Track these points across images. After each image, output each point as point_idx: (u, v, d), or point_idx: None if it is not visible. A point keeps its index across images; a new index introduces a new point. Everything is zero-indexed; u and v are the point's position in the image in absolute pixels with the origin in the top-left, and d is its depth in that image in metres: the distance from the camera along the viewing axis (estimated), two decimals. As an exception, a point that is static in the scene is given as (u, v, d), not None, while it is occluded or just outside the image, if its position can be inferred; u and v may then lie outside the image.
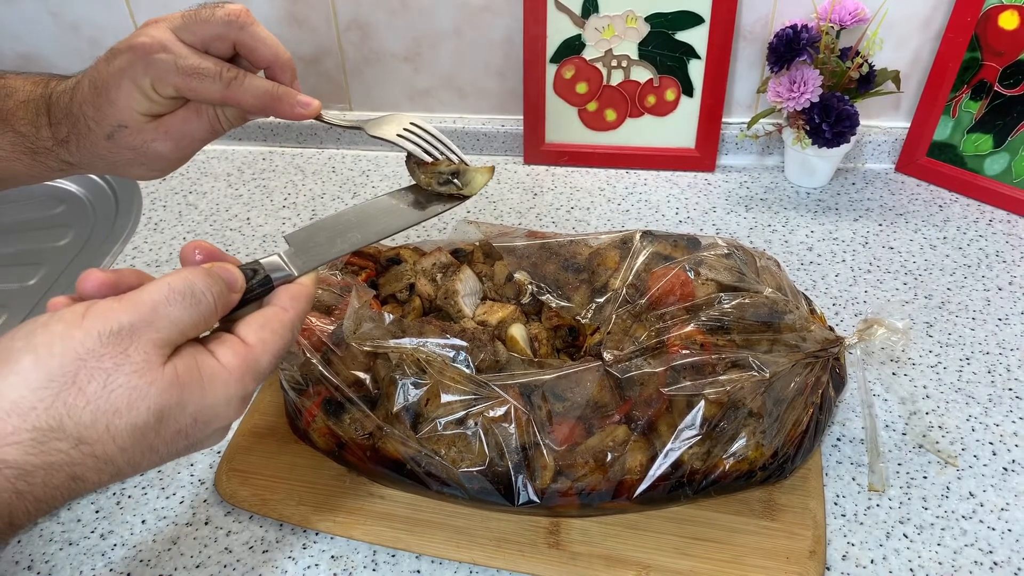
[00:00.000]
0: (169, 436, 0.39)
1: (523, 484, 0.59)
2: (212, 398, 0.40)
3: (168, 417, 0.39)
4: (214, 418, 0.41)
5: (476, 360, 0.63)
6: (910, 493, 0.64)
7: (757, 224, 0.95)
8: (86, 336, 0.37)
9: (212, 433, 0.42)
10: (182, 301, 0.39)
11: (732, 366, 0.62)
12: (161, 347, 0.38)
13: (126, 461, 0.38)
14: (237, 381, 0.41)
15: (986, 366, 0.75)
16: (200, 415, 0.40)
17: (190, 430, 0.40)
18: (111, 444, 0.37)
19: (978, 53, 0.92)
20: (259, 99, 0.53)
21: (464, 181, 0.60)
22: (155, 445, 0.39)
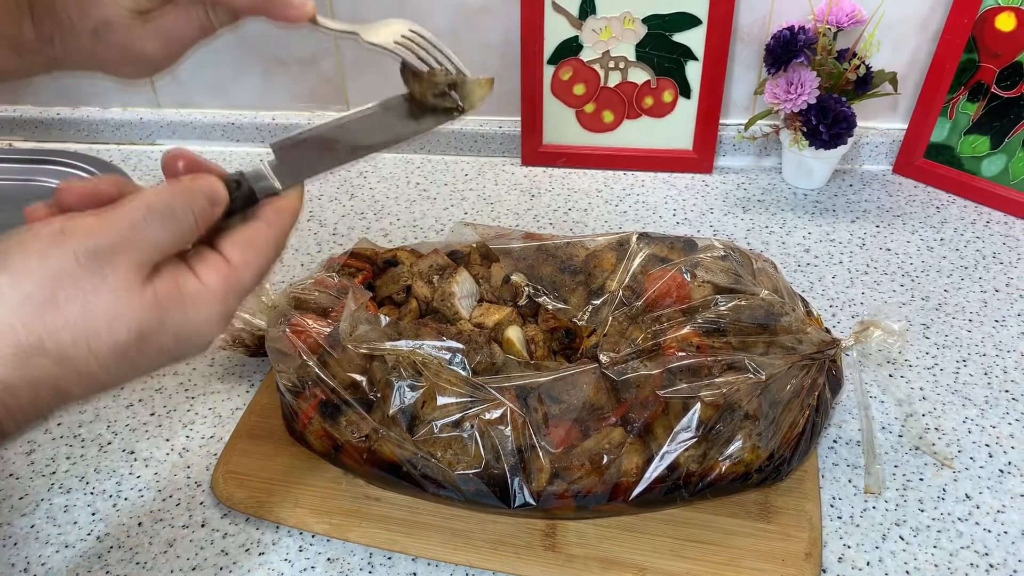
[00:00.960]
0: (151, 354, 0.39)
1: (519, 486, 0.59)
2: (194, 318, 0.40)
3: (149, 337, 0.38)
4: (196, 336, 0.40)
5: (472, 362, 0.62)
6: (906, 495, 0.64)
7: (754, 225, 0.95)
8: (63, 256, 0.36)
9: (194, 348, 0.41)
10: (161, 220, 0.38)
11: (728, 368, 0.62)
12: (140, 267, 0.38)
13: (109, 376, 0.38)
14: (220, 301, 0.41)
15: (983, 368, 0.75)
16: (181, 334, 0.39)
17: (172, 347, 0.40)
18: (93, 362, 0.37)
19: (975, 55, 0.92)
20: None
21: (462, 94, 0.56)
22: (137, 362, 0.39)
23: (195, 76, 1.11)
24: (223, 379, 0.77)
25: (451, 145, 1.10)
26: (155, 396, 0.76)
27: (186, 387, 0.76)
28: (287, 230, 0.45)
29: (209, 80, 1.11)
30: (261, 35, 1.06)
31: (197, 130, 1.13)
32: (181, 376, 0.78)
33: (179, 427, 0.73)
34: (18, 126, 1.16)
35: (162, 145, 1.15)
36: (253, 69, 1.09)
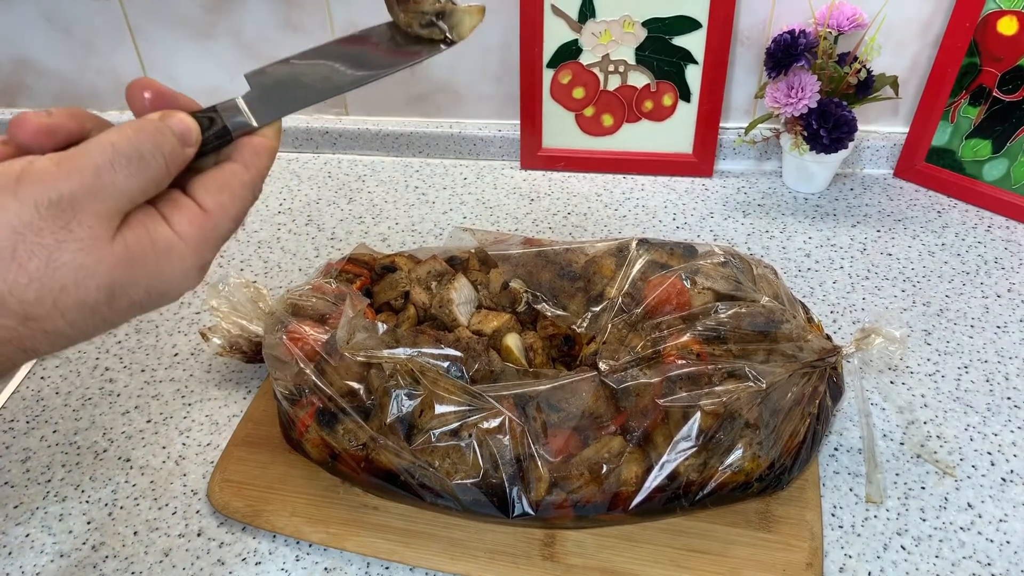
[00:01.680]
0: (121, 309, 0.37)
1: (518, 496, 0.59)
2: (167, 271, 0.37)
3: (120, 292, 0.36)
4: (169, 290, 0.38)
5: (471, 370, 0.62)
6: (908, 504, 0.64)
7: (755, 230, 0.95)
8: (22, 207, 0.33)
9: (167, 301, 0.39)
10: (128, 165, 0.35)
11: (728, 376, 0.61)
12: (107, 218, 0.35)
13: (77, 332, 0.36)
14: (194, 252, 0.38)
15: (984, 374, 0.75)
16: (154, 287, 0.37)
17: (144, 301, 0.37)
18: (60, 320, 0.35)
19: (977, 58, 0.91)
20: None
21: (451, 23, 0.50)
22: (108, 317, 0.36)
23: (192, 79, 1.10)
24: (220, 386, 0.77)
25: (450, 149, 1.10)
26: (151, 403, 0.75)
27: (183, 394, 0.76)
28: (264, 171, 0.42)
29: (206, 82, 1.10)
30: (259, 38, 1.05)
31: (195, 133, 1.13)
32: (178, 383, 0.77)
33: (175, 434, 0.72)
34: (15, 129, 1.15)
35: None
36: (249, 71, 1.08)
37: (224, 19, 1.04)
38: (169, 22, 1.05)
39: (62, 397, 0.76)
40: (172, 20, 1.05)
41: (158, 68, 1.10)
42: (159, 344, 0.82)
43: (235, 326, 0.74)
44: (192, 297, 0.87)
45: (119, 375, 0.78)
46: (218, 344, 0.73)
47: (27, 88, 1.14)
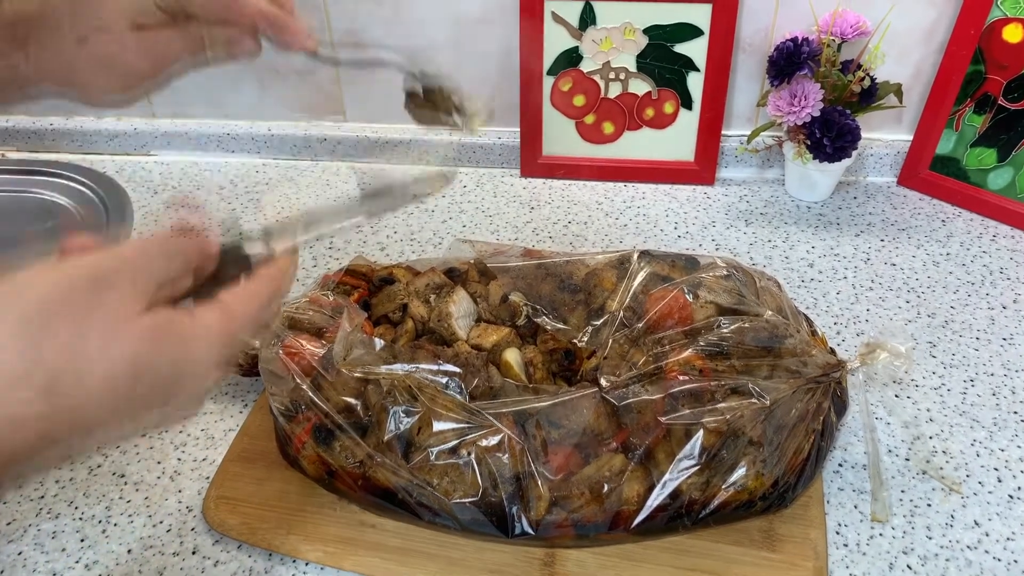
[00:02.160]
0: (145, 391, 0.37)
1: (517, 515, 0.58)
2: (192, 353, 0.39)
3: (145, 369, 0.37)
4: (192, 376, 0.39)
5: (469, 386, 0.61)
6: (914, 522, 0.63)
7: (757, 239, 0.94)
8: (60, 279, 0.35)
9: (189, 398, 0.40)
10: (160, 255, 0.39)
11: (731, 393, 0.61)
12: (138, 296, 0.37)
13: (99, 413, 0.36)
14: (217, 340, 0.40)
15: (991, 388, 0.74)
16: (178, 370, 0.38)
17: (167, 386, 0.38)
18: (83, 395, 0.35)
19: (982, 66, 0.90)
20: (263, 17, 0.52)
21: (464, 119, 0.58)
22: (131, 398, 0.37)
23: (190, 86, 1.09)
24: (215, 399, 0.76)
25: (449, 156, 1.09)
26: (147, 417, 0.74)
27: (178, 407, 0.75)
28: (281, 289, 0.45)
29: (204, 90, 1.10)
30: (257, 45, 1.04)
31: (192, 141, 1.12)
32: (173, 396, 0.76)
33: (170, 449, 0.71)
34: (11, 136, 1.15)
35: (156, 156, 1.14)
36: (249, 79, 1.08)
37: (221, 26, 1.03)
38: (166, 29, 1.04)
39: (56, 411, 0.75)
40: (169, 27, 1.04)
41: (155, 75, 1.09)
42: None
43: (231, 339, 0.73)
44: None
45: (114, 388, 0.77)
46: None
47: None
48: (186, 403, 0.40)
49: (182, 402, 0.40)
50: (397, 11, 0.99)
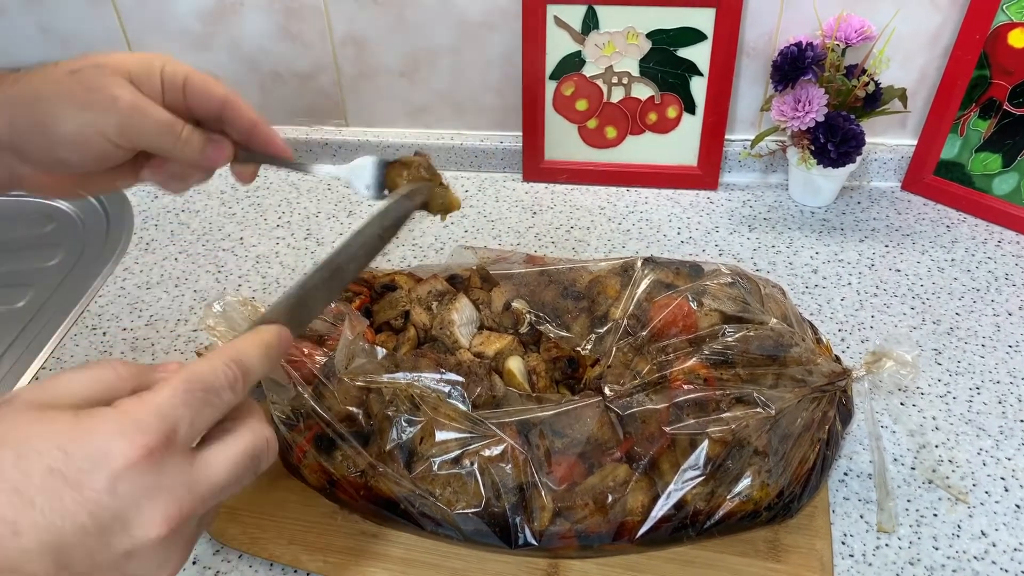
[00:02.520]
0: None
1: (521, 526, 0.57)
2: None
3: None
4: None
5: (472, 395, 0.61)
6: (920, 532, 0.62)
7: (761, 245, 0.93)
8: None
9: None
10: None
11: (736, 402, 0.60)
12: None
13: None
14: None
15: (997, 396, 0.73)
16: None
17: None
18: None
19: (987, 71, 0.90)
20: (254, 125, 0.53)
21: (430, 201, 0.58)
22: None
23: (191, 90, 1.09)
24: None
25: (451, 160, 1.08)
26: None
27: (179, 415, 0.74)
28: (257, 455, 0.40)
29: (205, 94, 1.09)
30: (258, 49, 1.04)
31: (193, 145, 1.11)
32: (174, 403, 0.76)
33: (171, 457, 0.70)
34: (11, 140, 1.14)
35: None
36: (250, 83, 1.07)
37: (222, 30, 1.03)
38: (167, 34, 1.04)
39: (56, 418, 0.74)
40: (170, 32, 1.03)
41: (156, 79, 1.09)
42: (155, 363, 0.80)
43: (232, 346, 0.72)
44: (189, 315, 0.86)
45: (114, 395, 0.77)
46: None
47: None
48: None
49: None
50: (399, 15, 0.99)
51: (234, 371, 0.38)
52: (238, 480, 0.38)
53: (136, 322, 0.85)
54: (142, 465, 0.34)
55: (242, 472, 0.38)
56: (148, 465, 0.34)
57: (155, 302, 0.88)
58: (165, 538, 0.34)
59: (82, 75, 0.47)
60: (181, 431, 0.35)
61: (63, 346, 0.82)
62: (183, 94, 0.50)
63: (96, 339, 0.83)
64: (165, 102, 0.50)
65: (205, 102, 0.51)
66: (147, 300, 0.88)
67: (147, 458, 0.34)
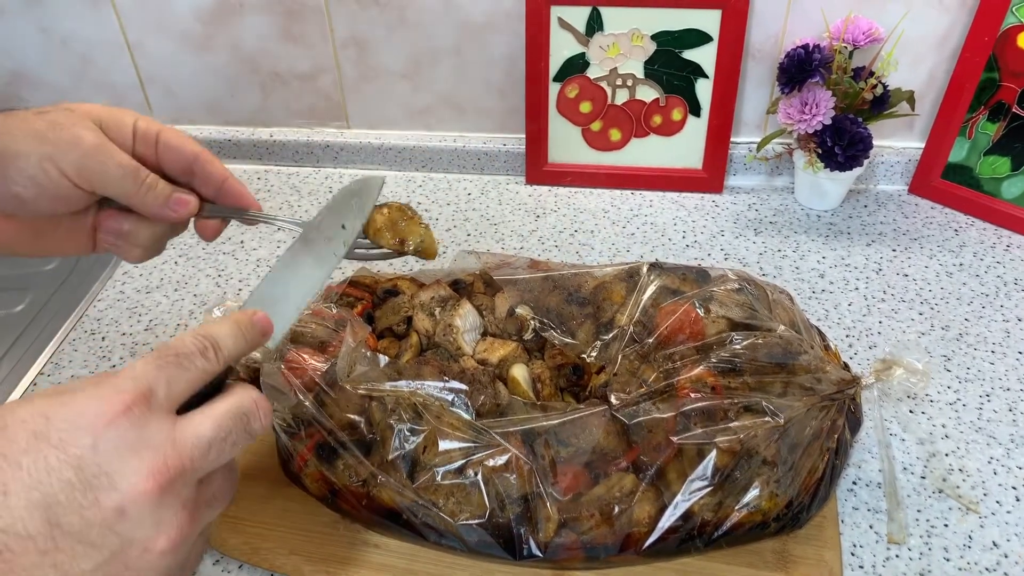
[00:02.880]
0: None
1: (525, 537, 0.57)
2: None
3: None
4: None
5: (476, 403, 0.60)
6: (930, 543, 0.61)
7: (767, 249, 0.92)
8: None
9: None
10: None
11: (745, 411, 0.59)
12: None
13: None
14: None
15: (1007, 403, 0.72)
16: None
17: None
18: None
19: (996, 73, 0.89)
20: (225, 181, 0.53)
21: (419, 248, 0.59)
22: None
23: (190, 92, 1.08)
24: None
25: (454, 163, 1.07)
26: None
27: (178, 421, 0.74)
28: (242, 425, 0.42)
29: (205, 96, 1.08)
30: (259, 50, 1.03)
31: (193, 147, 1.10)
32: (173, 409, 0.75)
33: (170, 465, 0.70)
34: (10, 142, 1.13)
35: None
36: (250, 84, 1.06)
37: (223, 32, 1.02)
38: (167, 35, 1.03)
39: (54, 425, 0.73)
40: (170, 33, 1.03)
41: (156, 82, 1.08)
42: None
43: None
44: (189, 320, 0.85)
45: (113, 401, 0.76)
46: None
47: (22, 101, 1.12)
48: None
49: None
50: (401, 16, 0.98)
51: (202, 341, 0.40)
52: (227, 436, 0.39)
53: (135, 327, 0.84)
54: (122, 421, 0.35)
55: (229, 427, 0.39)
56: (128, 421, 0.35)
57: (155, 306, 0.87)
58: (154, 495, 0.35)
59: (50, 115, 0.47)
60: (159, 392, 0.37)
61: (61, 351, 0.81)
62: (155, 147, 0.50)
63: (95, 344, 0.82)
64: (135, 153, 0.49)
65: (177, 156, 0.51)
66: (146, 304, 0.87)
67: (126, 414, 0.35)
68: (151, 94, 1.09)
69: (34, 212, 0.49)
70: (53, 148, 0.46)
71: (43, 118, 0.47)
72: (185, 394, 0.39)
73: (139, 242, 0.53)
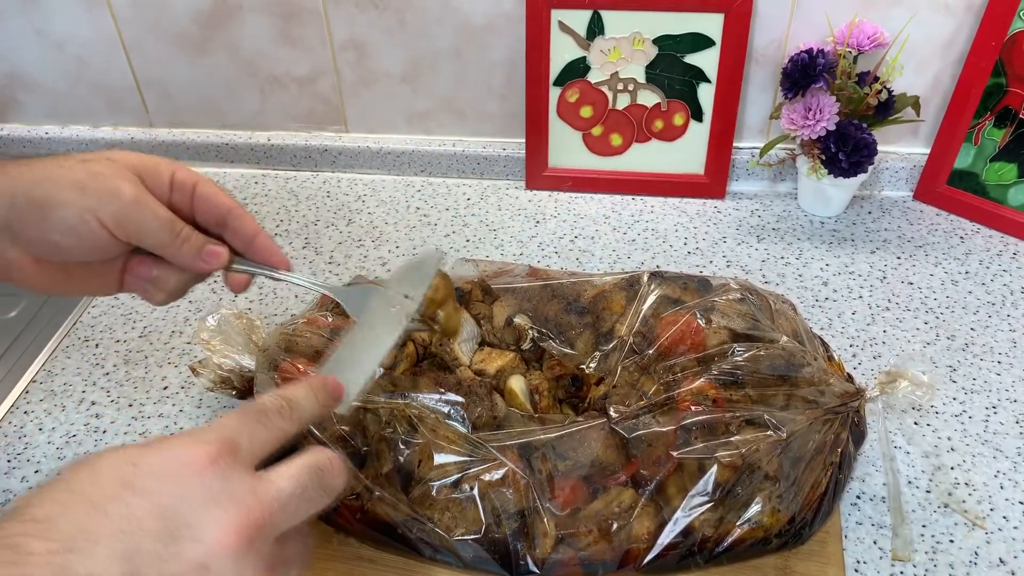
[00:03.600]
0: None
1: (522, 553, 0.55)
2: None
3: None
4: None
5: (473, 416, 0.59)
6: (936, 559, 0.60)
7: (769, 256, 0.91)
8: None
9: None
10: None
11: (746, 424, 0.58)
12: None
13: None
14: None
15: (1014, 416, 0.71)
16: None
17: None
18: None
19: (1003, 79, 0.87)
20: (256, 234, 0.53)
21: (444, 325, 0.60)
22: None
23: (187, 95, 1.07)
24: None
25: (453, 167, 1.06)
26: (138, 441, 0.72)
27: (171, 431, 0.73)
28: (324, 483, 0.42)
29: (202, 99, 1.07)
30: (257, 53, 1.02)
31: (190, 150, 1.09)
32: (167, 418, 0.74)
33: (163, 475, 0.69)
34: (5, 144, 1.12)
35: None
36: (248, 88, 1.05)
37: (220, 35, 1.01)
38: (164, 38, 1.02)
39: (46, 434, 0.72)
40: (167, 36, 1.02)
41: (153, 85, 1.07)
42: (148, 376, 0.78)
43: (227, 360, 0.70)
44: (184, 327, 0.84)
45: (106, 410, 0.75)
46: (208, 380, 0.70)
47: (18, 103, 1.11)
48: None
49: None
50: (400, 20, 0.97)
51: (280, 401, 0.42)
52: (304, 492, 0.39)
53: (129, 334, 0.83)
54: (208, 472, 0.36)
55: (306, 483, 0.39)
56: (213, 472, 0.36)
57: (149, 313, 0.86)
58: (237, 549, 0.35)
59: (91, 164, 0.48)
60: (242, 445, 0.38)
61: (55, 358, 0.80)
62: (191, 198, 0.51)
63: (88, 351, 0.81)
64: (170, 203, 0.50)
65: (212, 208, 0.52)
66: (141, 311, 0.86)
67: (212, 465, 0.36)
68: (148, 97, 1.08)
69: (70, 258, 0.49)
70: (94, 200, 0.47)
71: (85, 167, 0.47)
72: (265, 451, 0.40)
73: (166, 288, 0.53)
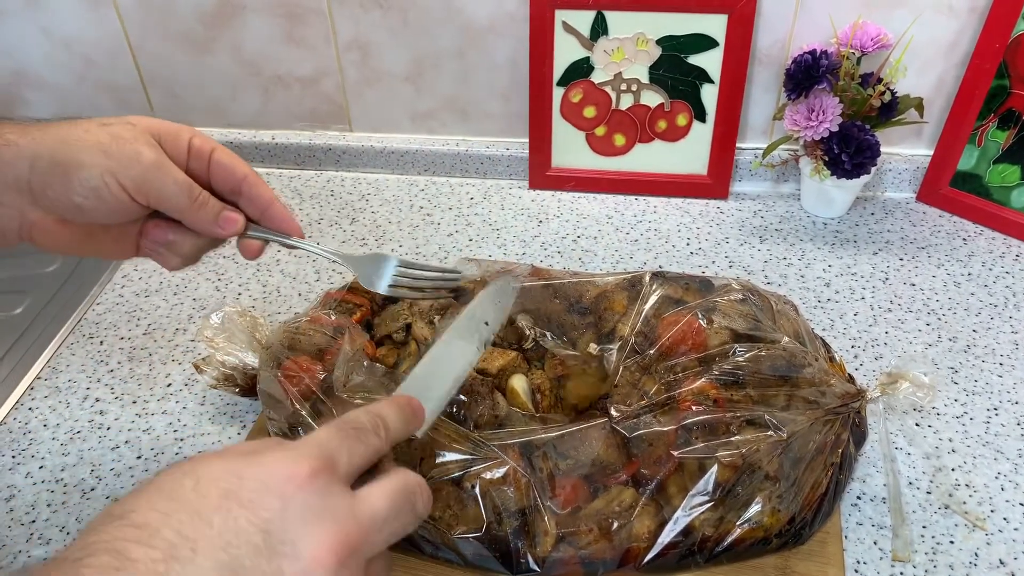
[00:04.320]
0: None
1: (523, 551, 0.56)
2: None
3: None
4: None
5: (474, 414, 0.59)
6: (936, 560, 0.60)
7: (772, 257, 0.91)
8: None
9: None
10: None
11: (747, 425, 0.58)
12: None
13: None
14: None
15: (1015, 417, 0.71)
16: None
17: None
18: None
19: (1007, 80, 0.87)
20: (270, 204, 0.54)
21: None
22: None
23: (192, 94, 1.08)
24: (214, 420, 0.74)
25: (456, 167, 1.07)
26: (142, 437, 0.72)
27: (175, 428, 0.73)
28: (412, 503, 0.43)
29: (207, 98, 1.08)
30: (261, 53, 1.02)
31: (195, 149, 1.10)
32: (170, 415, 0.74)
33: (166, 472, 0.69)
34: (12, 143, 1.13)
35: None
36: (252, 87, 1.06)
37: (224, 34, 1.01)
38: (169, 37, 1.02)
39: (50, 430, 0.73)
40: (172, 35, 1.02)
41: (158, 83, 1.07)
42: (152, 373, 0.79)
43: (230, 358, 0.71)
44: (188, 324, 0.84)
45: (110, 407, 0.75)
46: (212, 378, 0.70)
47: (25, 101, 1.11)
48: None
49: None
50: (404, 20, 0.97)
51: (375, 419, 0.42)
52: (397, 514, 0.39)
53: (134, 331, 0.84)
54: (308, 488, 0.36)
55: (399, 505, 0.39)
56: (314, 488, 0.36)
57: (153, 310, 0.86)
58: (333, 568, 0.34)
59: (113, 127, 0.49)
60: (341, 461, 0.38)
61: (59, 355, 0.81)
62: (208, 164, 0.52)
63: (93, 348, 0.82)
64: (188, 169, 0.51)
65: (228, 175, 0.52)
66: (145, 308, 0.87)
67: (312, 481, 0.36)
68: (153, 96, 1.08)
69: (90, 220, 0.50)
70: (116, 163, 0.47)
71: (107, 130, 0.48)
72: (361, 469, 0.40)
73: (181, 252, 0.54)
